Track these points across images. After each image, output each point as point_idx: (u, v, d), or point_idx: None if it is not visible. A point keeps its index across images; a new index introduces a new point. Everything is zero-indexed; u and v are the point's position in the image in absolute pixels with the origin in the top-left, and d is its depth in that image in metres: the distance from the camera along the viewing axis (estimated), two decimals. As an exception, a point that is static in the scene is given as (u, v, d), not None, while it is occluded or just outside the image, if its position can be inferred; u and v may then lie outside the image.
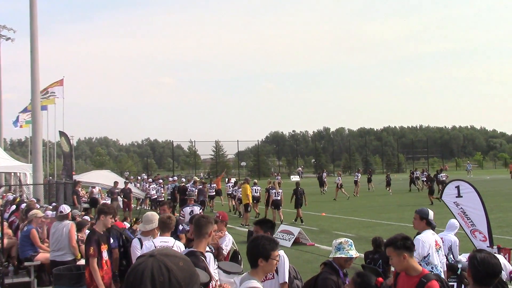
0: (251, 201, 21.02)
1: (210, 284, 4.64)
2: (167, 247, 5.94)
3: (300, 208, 20.49)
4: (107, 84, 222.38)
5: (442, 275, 6.28)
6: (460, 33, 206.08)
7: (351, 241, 5.26)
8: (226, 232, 7.52)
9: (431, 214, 6.60)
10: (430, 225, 6.52)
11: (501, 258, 6.67)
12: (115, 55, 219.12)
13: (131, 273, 1.62)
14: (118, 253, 7.66)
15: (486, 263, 3.60)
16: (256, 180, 23.18)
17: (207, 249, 5.47)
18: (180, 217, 17.37)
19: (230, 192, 26.16)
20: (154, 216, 7.04)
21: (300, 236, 15.34)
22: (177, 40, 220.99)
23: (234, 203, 25.46)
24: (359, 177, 34.59)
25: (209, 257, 5.37)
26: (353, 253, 5.05)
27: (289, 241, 15.11)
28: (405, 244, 4.51)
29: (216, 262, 5.66)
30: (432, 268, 6.15)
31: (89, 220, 11.86)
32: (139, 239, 6.82)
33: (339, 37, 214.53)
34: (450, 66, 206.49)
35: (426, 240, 6.32)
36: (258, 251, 3.99)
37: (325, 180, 37.44)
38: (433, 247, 6.32)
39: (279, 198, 20.23)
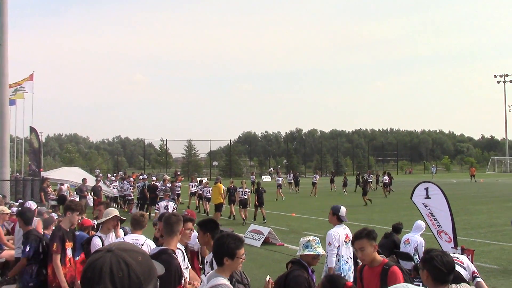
0: (223, 200, 21.02)
1: (181, 282, 4.64)
2: (124, 241, 5.90)
3: (262, 207, 21.02)
4: (78, 80, 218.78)
5: (350, 267, 7.15)
6: (432, 40, 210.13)
7: (318, 239, 5.36)
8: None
9: (342, 210, 7.27)
10: (340, 220, 7.21)
11: (464, 259, 6.83)
12: (87, 51, 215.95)
13: (88, 269, 1.54)
14: (25, 260, 6.96)
15: (445, 262, 3.74)
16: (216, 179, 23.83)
17: (179, 246, 5.49)
18: (156, 211, 17.98)
19: (195, 191, 26.44)
20: (113, 210, 7.02)
21: (270, 236, 15.40)
22: (150, 38, 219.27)
23: (197, 202, 25.70)
24: (317, 179, 36.41)
25: (179, 254, 5.37)
26: (321, 250, 5.17)
27: (258, 240, 15.16)
28: (375, 236, 4.88)
29: (186, 259, 5.65)
30: (339, 259, 7.00)
31: (57, 217, 11.68)
32: (99, 237, 6.74)
33: (313, 40, 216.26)
34: (421, 71, 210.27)
35: (336, 233, 7.07)
36: (223, 250, 4.02)
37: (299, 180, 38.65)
38: (342, 240, 7.05)
39: (245, 197, 20.79)
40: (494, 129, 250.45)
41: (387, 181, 34.45)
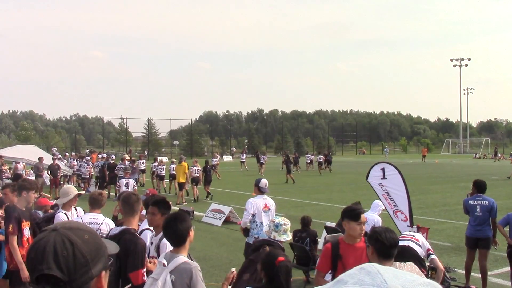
0: (186, 179, 21.07)
1: (146, 263, 4.57)
2: (70, 220, 5.81)
3: (208, 185, 21.76)
4: (34, 55, 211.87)
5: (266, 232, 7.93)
6: (392, 23, 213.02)
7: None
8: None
9: (262, 182, 8.72)
10: (261, 191, 8.60)
11: (420, 237, 7.05)
12: (43, 25, 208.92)
13: (32, 249, 1.49)
14: None
15: (388, 237, 3.91)
16: (174, 159, 24.97)
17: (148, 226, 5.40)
18: (116, 188, 18.08)
19: (143, 168, 27.77)
20: (71, 188, 6.95)
21: (231, 215, 15.47)
22: (108, 14, 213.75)
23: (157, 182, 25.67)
24: (265, 159, 39.35)
25: (151, 235, 5.29)
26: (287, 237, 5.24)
27: (219, 220, 15.21)
28: None
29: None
30: (257, 224, 8.28)
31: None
32: (65, 213, 6.64)
33: (274, 20, 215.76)
34: (380, 54, 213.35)
35: (254, 202, 8.40)
36: (188, 224, 3.99)
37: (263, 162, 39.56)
38: (260, 208, 8.35)
39: (198, 175, 21.38)
40: (449, 111, 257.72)
41: (321, 160, 38.05)
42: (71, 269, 1.45)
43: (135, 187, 18.72)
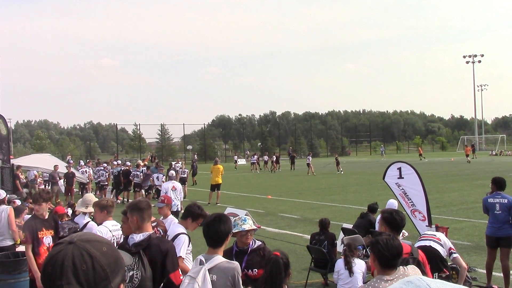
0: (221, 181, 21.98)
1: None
2: (87, 232, 5.69)
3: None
4: (47, 65, 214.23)
5: (178, 205, 13.68)
6: (402, 21, 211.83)
7: (245, 216, 5.27)
8: (171, 216, 7.37)
9: (171, 173, 15.43)
10: (170, 178, 14.63)
11: (441, 236, 6.92)
12: (55, 35, 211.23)
13: (49, 263, 1.41)
14: None
15: (390, 246, 3.64)
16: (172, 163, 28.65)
17: (184, 231, 5.64)
18: (151, 179, 21.39)
19: (184, 177, 28.54)
20: (92, 197, 7.12)
21: (247, 219, 15.39)
22: (119, 21, 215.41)
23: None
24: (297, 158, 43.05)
25: (184, 239, 5.56)
26: (247, 226, 4.96)
27: (235, 223, 15.21)
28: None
29: (190, 244, 5.74)
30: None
31: (29, 205, 11.46)
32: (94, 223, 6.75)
33: (283, 22, 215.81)
34: (390, 52, 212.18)
35: (166, 185, 14.20)
36: (228, 233, 4.08)
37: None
38: (169, 189, 13.85)
39: (185, 176, 24.47)
40: (463, 108, 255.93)
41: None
42: (91, 283, 1.38)
43: (164, 181, 20.19)
